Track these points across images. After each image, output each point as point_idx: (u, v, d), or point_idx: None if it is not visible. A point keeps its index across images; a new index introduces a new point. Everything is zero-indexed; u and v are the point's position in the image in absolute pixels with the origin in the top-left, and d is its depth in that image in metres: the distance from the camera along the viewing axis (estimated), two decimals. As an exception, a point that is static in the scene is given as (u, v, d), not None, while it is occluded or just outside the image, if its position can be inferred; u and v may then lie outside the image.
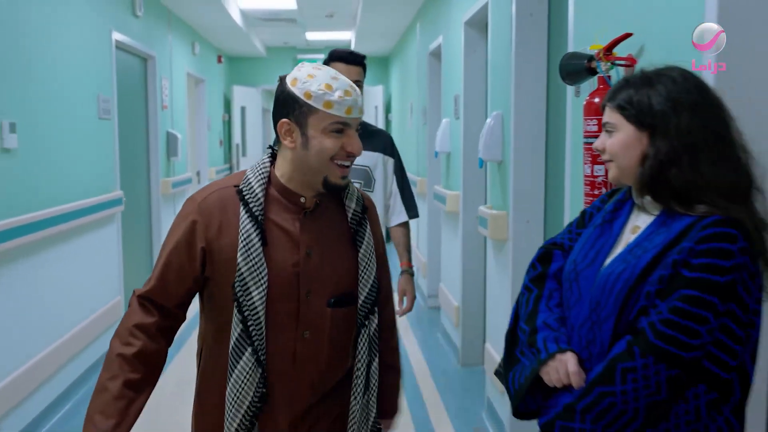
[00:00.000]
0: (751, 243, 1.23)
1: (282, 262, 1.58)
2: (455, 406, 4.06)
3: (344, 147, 1.54)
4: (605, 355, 1.33)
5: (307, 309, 1.60)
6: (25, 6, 3.58)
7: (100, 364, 4.40)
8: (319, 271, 1.60)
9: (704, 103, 1.33)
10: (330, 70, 1.55)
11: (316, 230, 1.62)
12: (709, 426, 1.27)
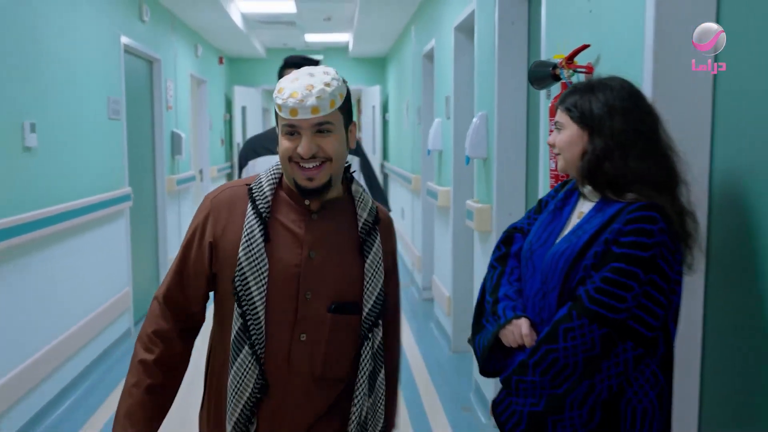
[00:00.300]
0: (671, 225, 1.49)
1: (284, 260, 1.57)
2: (446, 389, 4.32)
3: (297, 149, 1.52)
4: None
5: (305, 311, 1.58)
6: (44, 15, 3.84)
7: (110, 352, 4.72)
8: (319, 274, 1.59)
9: (636, 109, 1.60)
10: (297, 73, 1.55)
11: (322, 234, 1.60)
12: (639, 378, 1.54)
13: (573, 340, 1.49)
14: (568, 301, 1.56)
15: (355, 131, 1.65)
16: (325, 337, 1.59)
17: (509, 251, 1.81)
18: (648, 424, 1.54)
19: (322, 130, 1.52)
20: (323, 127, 1.52)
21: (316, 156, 1.52)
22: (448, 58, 4.99)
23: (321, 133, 1.52)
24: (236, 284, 1.55)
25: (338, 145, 1.55)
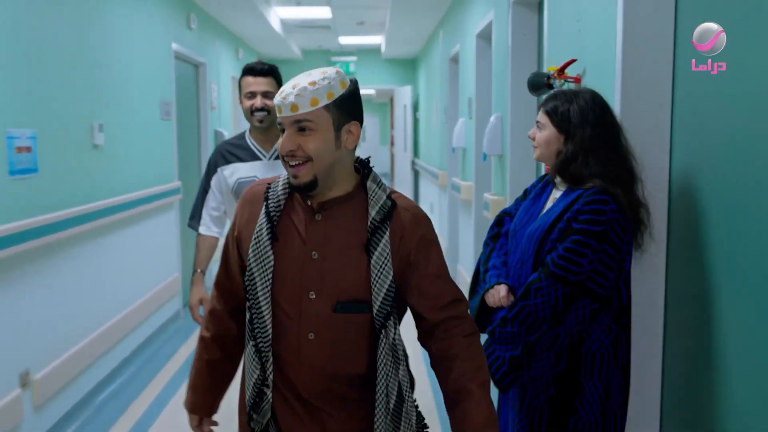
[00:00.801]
0: (621, 207, 1.89)
1: (290, 260, 1.59)
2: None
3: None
4: (528, 283, 2.01)
5: (310, 310, 1.59)
6: (109, 29, 4.35)
7: (162, 331, 5.22)
8: (321, 274, 1.59)
9: (603, 121, 2.00)
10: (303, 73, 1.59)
11: (327, 233, 1.60)
12: (596, 329, 1.94)
13: (542, 297, 1.91)
14: (539, 267, 1.97)
15: (357, 132, 1.60)
16: (331, 336, 1.59)
17: (500, 231, 2.24)
18: (605, 366, 1.95)
19: (302, 128, 1.53)
20: (302, 125, 1.52)
21: (295, 154, 1.54)
22: (471, 62, 5.39)
23: (302, 131, 1.53)
24: (245, 281, 1.62)
25: (321, 144, 1.54)
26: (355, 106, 1.60)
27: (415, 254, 1.62)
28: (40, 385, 3.38)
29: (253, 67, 2.78)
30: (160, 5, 5.49)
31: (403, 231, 1.61)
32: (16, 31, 3.22)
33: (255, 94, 2.75)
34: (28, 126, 3.29)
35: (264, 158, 2.81)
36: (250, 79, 2.75)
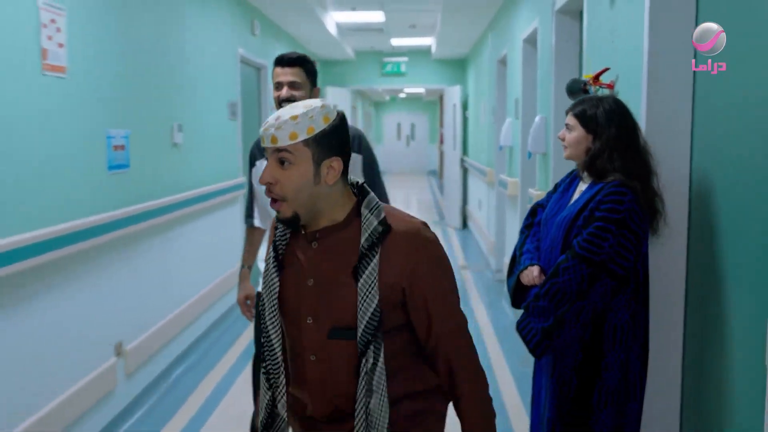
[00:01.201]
0: (638, 198, 2.20)
1: (291, 287, 1.64)
2: (509, 350, 5.04)
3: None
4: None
5: (309, 335, 1.62)
6: (185, 38, 4.80)
7: (226, 317, 5.67)
8: (317, 301, 1.61)
9: (624, 123, 2.31)
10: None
11: (322, 260, 1.61)
12: (617, 304, 2.24)
13: (568, 275, 2.22)
14: (567, 250, 2.29)
15: (337, 167, 1.57)
16: (328, 359, 1.62)
17: (533, 221, 2.57)
18: (626, 337, 2.25)
19: (282, 160, 1.53)
20: (281, 156, 1.52)
21: (272, 190, 1.55)
22: (518, 65, 5.70)
23: (282, 163, 1.53)
24: (260, 306, 1.73)
25: (297, 180, 1.54)
26: (337, 142, 1.57)
27: (408, 286, 1.61)
28: (131, 355, 3.84)
29: (281, 57, 2.73)
30: (228, 14, 5.94)
31: (396, 257, 1.59)
32: (115, 47, 3.67)
33: (282, 84, 2.70)
34: (122, 127, 3.75)
35: None
36: (278, 70, 2.70)
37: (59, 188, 3.12)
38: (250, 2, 6.69)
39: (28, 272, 2.86)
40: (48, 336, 3.05)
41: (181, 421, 3.80)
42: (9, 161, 2.75)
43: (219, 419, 3.83)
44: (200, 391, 4.25)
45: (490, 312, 6.11)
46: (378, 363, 1.58)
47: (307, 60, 2.74)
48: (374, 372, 1.57)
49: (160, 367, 4.31)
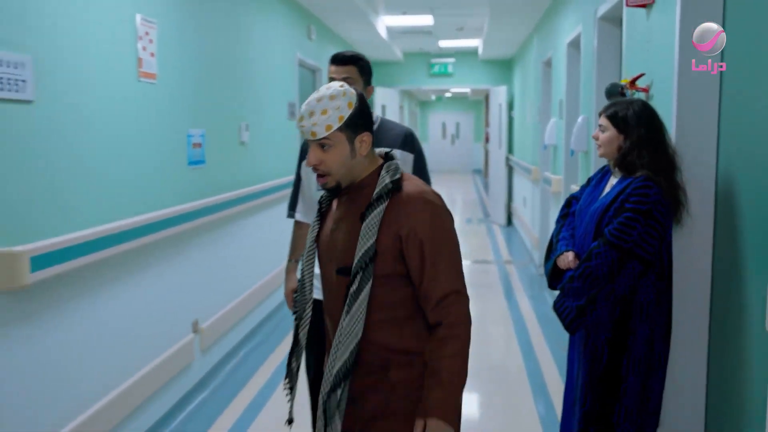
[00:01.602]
0: (662, 191, 2.48)
1: (324, 235, 1.97)
2: (551, 335, 5.32)
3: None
4: (590, 250, 2.63)
5: (327, 272, 1.94)
6: (251, 44, 5.20)
7: (276, 314, 6.09)
8: (331, 243, 1.92)
9: (652, 124, 2.59)
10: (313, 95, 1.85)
11: (345, 211, 1.92)
12: (644, 285, 2.52)
13: (600, 259, 2.51)
14: (599, 238, 2.58)
15: (368, 140, 1.87)
16: (340, 295, 1.86)
17: (569, 211, 2.87)
18: (651, 313, 2.53)
19: (323, 145, 1.82)
20: (322, 143, 1.82)
21: (318, 168, 1.84)
22: (562, 67, 5.96)
23: (323, 147, 1.82)
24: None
25: (338, 158, 1.83)
26: (363, 120, 1.86)
27: (405, 235, 1.81)
28: (206, 333, 4.25)
29: (336, 55, 2.83)
30: (287, 21, 6.35)
31: (399, 212, 1.82)
32: (194, 55, 4.09)
33: (335, 81, 2.89)
34: (199, 126, 4.16)
35: None
36: (333, 68, 2.80)
37: (150, 181, 3.53)
38: (307, 9, 7.09)
39: (120, 256, 3.27)
40: (137, 312, 3.47)
41: (250, 392, 4.20)
42: (111, 157, 3.17)
43: (283, 393, 4.21)
44: (266, 366, 4.65)
45: (532, 303, 6.40)
46: (361, 292, 1.78)
47: (360, 58, 2.84)
48: (356, 298, 1.78)
49: (230, 344, 4.73)
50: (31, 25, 2.56)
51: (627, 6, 3.37)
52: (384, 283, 1.82)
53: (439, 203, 1.88)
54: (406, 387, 1.85)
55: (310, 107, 1.80)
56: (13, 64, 2.42)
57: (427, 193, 1.87)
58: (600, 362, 2.60)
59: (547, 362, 4.76)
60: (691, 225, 2.69)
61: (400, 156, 2.80)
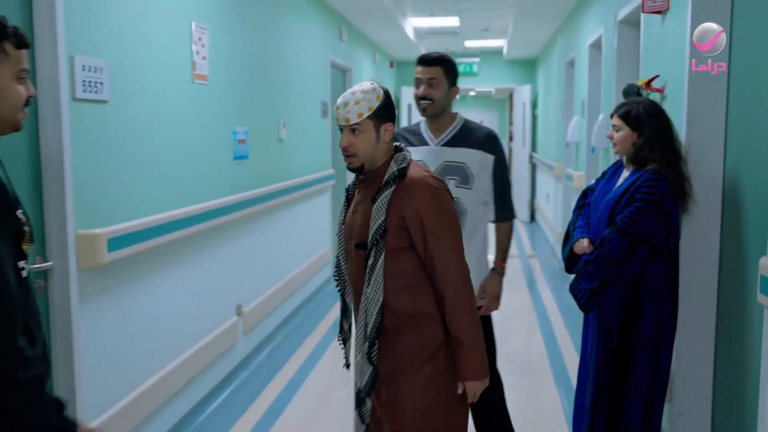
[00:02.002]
0: (669, 183, 2.73)
1: (347, 217, 2.25)
2: (571, 325, 5.58)
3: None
4: (604, 237, 2.88)
5: (348, 248, 2.25)
6: (287, 47, 5.52)
7: (317, 293, 6.40)
8: (351, 223, 2.22)
9: (661, 122, 2.84)
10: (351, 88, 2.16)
11: (362, 196, 2.20)
12: (652, 269, 2.75)
13: (612, 245, 2.74)
14: (611, 225, 2.84)
15: (391, 129, 2.15)
16: (354, 266, 2.21)
17: (584, 202, 3.12)
18: (659, 294, 2.77)
19: (354, 130, 2.11)
20: (353, 128, 2.11)
21: (348, 150, 2.12)
22: (584, 68, 6.21)
23: (353, 132, 2.11)
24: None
25: (365, 142, 2.11)
26: (388, 112, 2.15)
27: (408, 214, 2.09)
28: (248, 316, 4.58)
29: (422, 56, 2.89)
30: (321, 24, 6.66)
31: (404, 195, 2.10)
32: (239, 58, 4.41)
33: (421, 82, 2.86)
34: (243, 125, 4.48)
35: (431, 144, 2.95)
36: (419, 68, 2.86)
37: (202, 174, 3.85)
38: (339, 12, 7.40)
39: (175, 242, 3.58)
40: (189, 294, 3.79)
41: (289, 371, 4.52)
42: (171, 151, 3.49)
43: (320, 371, 4.53)
44: (303, 347, 4.97)
45: (554, 295, 6.65)
46: (377, 264, 2.07)
47: (447, 60, 2.88)
48: (374, 269, 2.08)
49: (270, 327, 5.07)
50: (106, 33, 2.89)
51: (643, 12, 3.62)
52: (393, 255, 2.10)
53: (437, 185, 2.14)
54: (417, 346, 2.13)
55: (345, 99, 2.11)
56: (93, 68, 2.75)
57: (427, 178, 2.14)
58: (611, 340, 2.82)
59: (569, 352, 5.01)
60: (699, 214, 2.94)
61: (478, 157, 2.90)
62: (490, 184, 2.94)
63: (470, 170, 2.88)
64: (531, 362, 4.87)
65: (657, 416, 2.86)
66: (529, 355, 5.04)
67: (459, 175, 2.87)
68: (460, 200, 2.85)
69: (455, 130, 2.93)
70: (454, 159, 2.86)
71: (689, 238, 3.05)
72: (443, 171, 2.87)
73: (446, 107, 2.90)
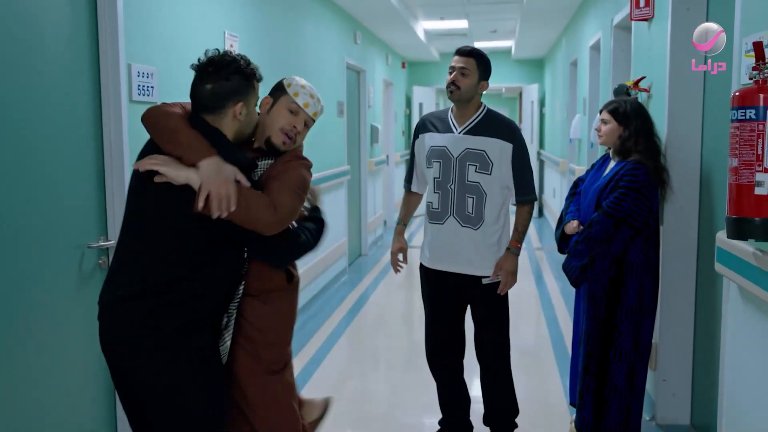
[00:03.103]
0: (649, 173, 3.10)
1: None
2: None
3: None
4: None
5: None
6: (306, 48, 5.93)
7: (332, 284, 6.84)
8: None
9: (644, 118, 3.21)
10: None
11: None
12: (634, 247, 3.12)
13: (599, 226, 3.10)
14: (598, 210, 3.21)
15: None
16: None
17: (575, 191, 3.50)
18: (640, 271, 3.11)
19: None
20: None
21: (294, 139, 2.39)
22: (585, 68, 6.58)
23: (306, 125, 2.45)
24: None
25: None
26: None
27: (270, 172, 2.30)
28: (273, 298, 4.99)
29: (460, 48, 3.13)
30: (337, 28, 7.07)
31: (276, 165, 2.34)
32: (265, 61, 4.82)
33: (454, 69, 3.09)
34: (269, 123, 4.89)
35: (455, 131, 3.14)
36: (455, 57, 3.10)
37: (233, 167, 4.26)
38: (354, 17, 7.81)
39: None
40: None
41: (304, 357, 4.92)
42: (207, 147, 3.90)
43: (334, 359, 4.93)
44: (326, 326, 5.38)
45: (559, 285, 7.03)
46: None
47: (481, 54, 3.12)
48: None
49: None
50: (155, 43, 3.30)
51: (631, 20, 4.00)
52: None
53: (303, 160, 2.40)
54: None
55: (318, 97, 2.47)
56: (146, 74, 3.16)
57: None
58: (599, 311, 3.17)
59: (569, 330, 5.39)
60: (680, 199, 3.32)
61: (497, 145, 3.08)
62: (509, 170, 3.10)
63: (489, 157, 3.06)
64: (537, 347, 5.24)
65: (641, 380, 3.23)
66: (535, 340, 5.41)
67: (479, 161, 3.06)
68: (480, 184, 3.09)
69: (478, 119, 3.12)
70: (474, 146, 3.06)
71: (671, 220, 3.44)
72: (464, 157, 3.09)
73: (473, 97, 3.11)
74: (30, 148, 2.50)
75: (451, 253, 3.14)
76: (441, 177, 3.14)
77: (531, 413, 3.78)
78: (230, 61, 2.14)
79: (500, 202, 3.15)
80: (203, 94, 2.11)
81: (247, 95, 2.18)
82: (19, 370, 2.45)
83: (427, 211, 3.23)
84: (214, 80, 2.11)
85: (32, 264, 2.51)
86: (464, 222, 3.12)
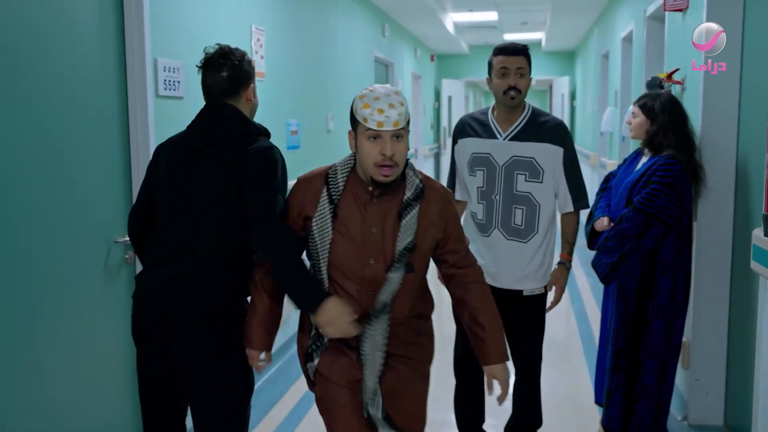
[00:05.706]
0: (683, 167, 3.02)
1: (351, 234, 2.02)
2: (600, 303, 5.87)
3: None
4: (624, 216, 3.19)
5: (370, 272, 2.02)
6: (335, 43, 5.91)
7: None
8: (381, 245, 2.02)
9: (675, 111, 3.13)
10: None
11: (382, 212, 2.03)
12: (666, 243, 3.04)
13: (630, 222, 3.04)
14: (629, 206, 3.14)
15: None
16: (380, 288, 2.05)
17: (607, 186, 3.42)
18: (673, 267, 3.06)
19: (398, 135, 1.95)
20: (400, 132, 1.95)
21: (392, 159, 1.95)
22: (618, 60, 6.46)
23: (397, 138, 1.95)
24: (310, 246, 2.08)
25: (405, 149, 1.99)
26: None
27: (448, 226, 2.11)
28: (300, 293, 4.98)
29: (506, 46, 2.82)
30: (365, 21, 7.03)
31: (433, 206, 2.07)
32: (292, 55, 4.81)
33: (509, 71, 2.80)
34: (296, 117, 4.88)
35: (500, 137, 2.89)
36: (503, 58, 2.80)
37: (260, 162, 4.26)
38: (382, 9, 7.76)
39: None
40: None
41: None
42: (233, 141, 3.90)
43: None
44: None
45: (588, 279, 6.93)
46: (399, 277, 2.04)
47: (528, 49, 2.87)
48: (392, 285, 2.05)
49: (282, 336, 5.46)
50: (181, 37, 3.30)
51: (665, 10, 3.90)
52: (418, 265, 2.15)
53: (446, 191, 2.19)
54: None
55: (389, 100, 1.93)
56: (172, 69, 3.16)
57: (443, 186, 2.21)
58: (630, 307, 3.12)
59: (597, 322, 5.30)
60: (714, 195, 3.24)
61: (547, 151, 2.83)
62: (561, 176, 2.87)
63: (539, 164, 2.82)
64: (565, 340, 5.19)
65: (670, 378, 3.17)
66: (564, 333, 5.34)
67: (528, 170, 2.82)
68: (532, 194, 2.85)
69: (524, 122, 2.87)
70: (522, 154, 2.81)
71: (705, 217, 3.35)
72: (511, 165, 2.85)
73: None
74: (57, 143, 2.51)
75: (495, 268, 2.91)
76: (485, 187, 2.90)
77: (559, 409, 3.73)
78: (232, 50, 2.32)
79: (552, 212, 2.93)
80: (221, 81, 2.29)
81: (253, 79, 2.40)
82: (46, 365, 2.47)
83: (473, 221, 3.00)
84: (229, 68, 2.29)
85: (59, 259, 2.53)
86: (510, 235, 2.89)
